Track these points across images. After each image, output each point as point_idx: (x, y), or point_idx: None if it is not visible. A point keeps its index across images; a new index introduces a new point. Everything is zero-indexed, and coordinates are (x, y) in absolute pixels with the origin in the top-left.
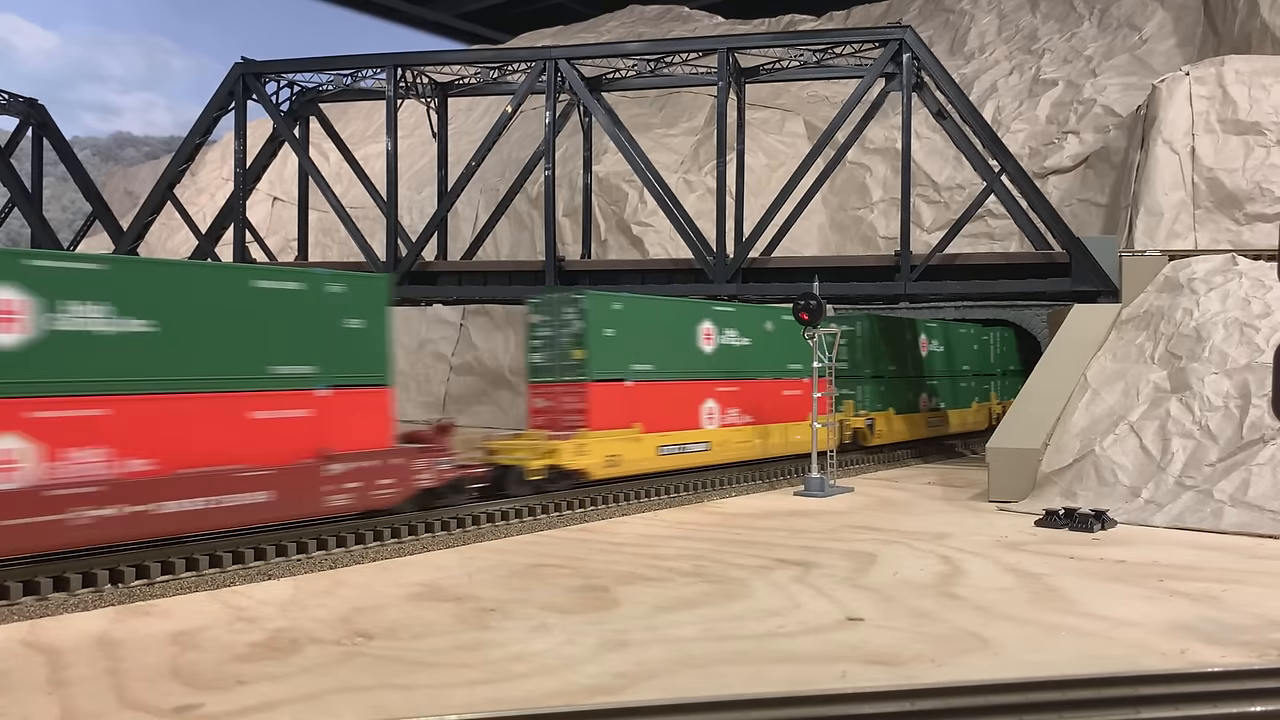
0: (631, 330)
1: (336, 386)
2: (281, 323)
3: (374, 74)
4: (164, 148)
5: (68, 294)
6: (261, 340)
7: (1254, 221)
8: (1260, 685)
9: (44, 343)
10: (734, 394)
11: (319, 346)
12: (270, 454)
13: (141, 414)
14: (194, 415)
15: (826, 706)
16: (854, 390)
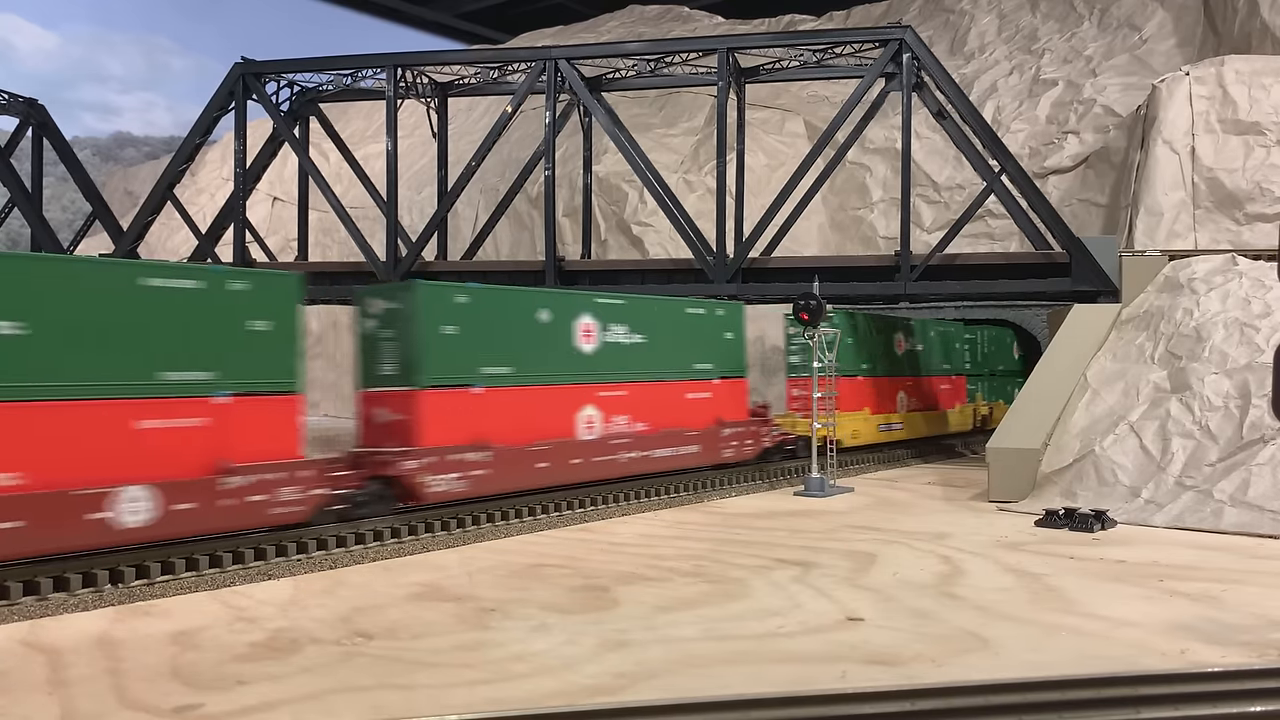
0: (860, 340)
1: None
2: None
3: (374, 74)
4: (164, 148)
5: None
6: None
7: (1254, 221)
8: (1260, 685)
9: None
10: (914, 387)
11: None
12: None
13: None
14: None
15: (826, 706)
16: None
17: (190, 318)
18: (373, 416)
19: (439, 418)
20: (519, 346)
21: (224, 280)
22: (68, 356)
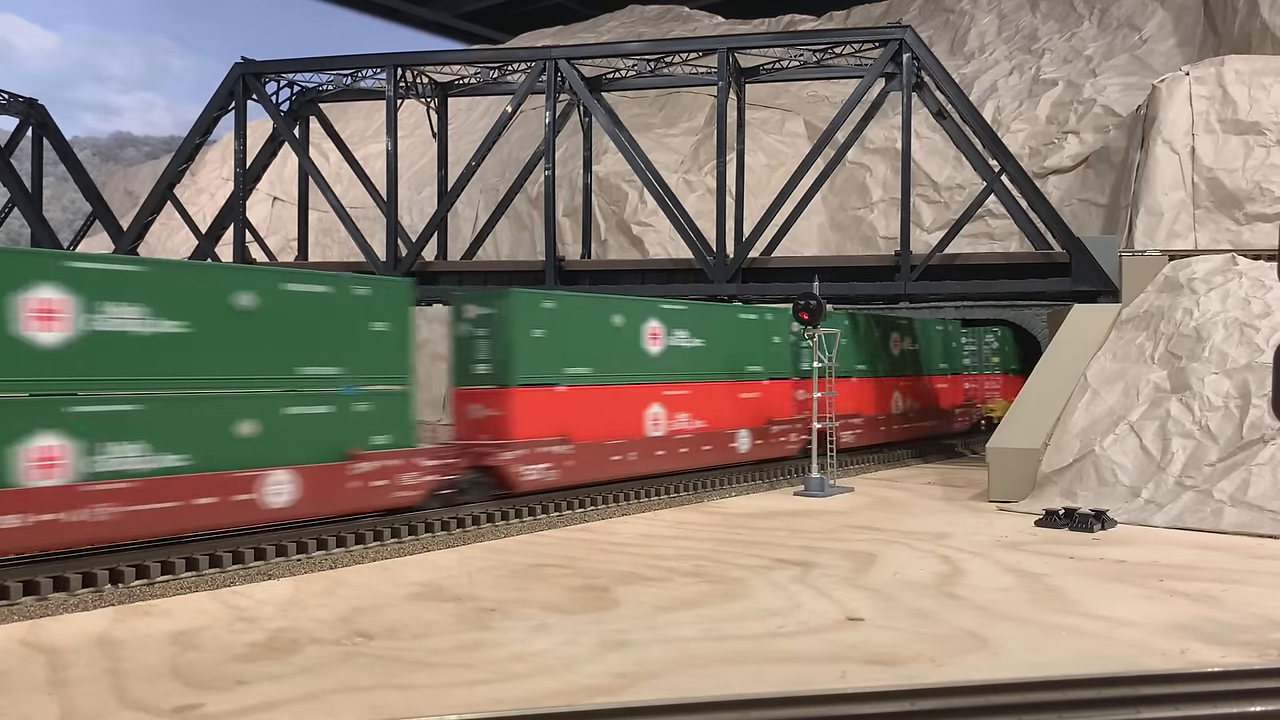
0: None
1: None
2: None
3: (374, 74)
4: (164, 148)
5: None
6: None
7: (1254, 221)
8: (1260, 685)
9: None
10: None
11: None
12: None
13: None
14: None
15: (826, 706)
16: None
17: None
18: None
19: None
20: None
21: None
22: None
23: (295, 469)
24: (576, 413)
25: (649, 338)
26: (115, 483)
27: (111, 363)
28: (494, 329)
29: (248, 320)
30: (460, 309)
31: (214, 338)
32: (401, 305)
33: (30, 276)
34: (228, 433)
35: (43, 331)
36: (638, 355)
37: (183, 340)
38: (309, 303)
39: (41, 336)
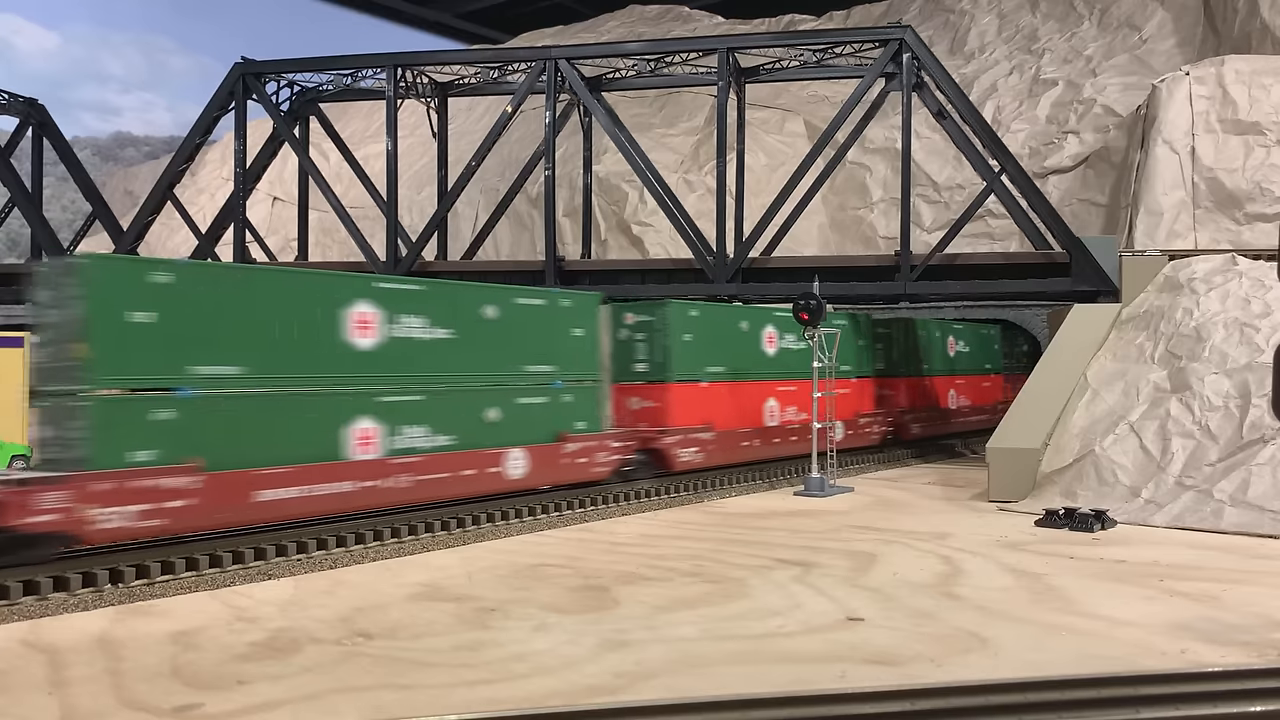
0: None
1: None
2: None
3: (374, 74)
4: (164, 148)
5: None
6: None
7: (1254, 221)
8: (1260, 685)
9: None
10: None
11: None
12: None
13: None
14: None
15: (826, 706)
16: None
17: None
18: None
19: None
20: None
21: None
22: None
23: (526, 447)
24: (715, 405)
25: (766, 341)
26: (409, 457)
27: (406, 362)
28: (651, 334)
29: (491, 328)
30: (619, 316)
31: (470, 342)
32: (593, 314)
33: (353, 295)
34: (480, 418)
35: (361, 338)
36: (759, 356)
37: (450, 345)
38: (531, 313)
39: (360, 342)
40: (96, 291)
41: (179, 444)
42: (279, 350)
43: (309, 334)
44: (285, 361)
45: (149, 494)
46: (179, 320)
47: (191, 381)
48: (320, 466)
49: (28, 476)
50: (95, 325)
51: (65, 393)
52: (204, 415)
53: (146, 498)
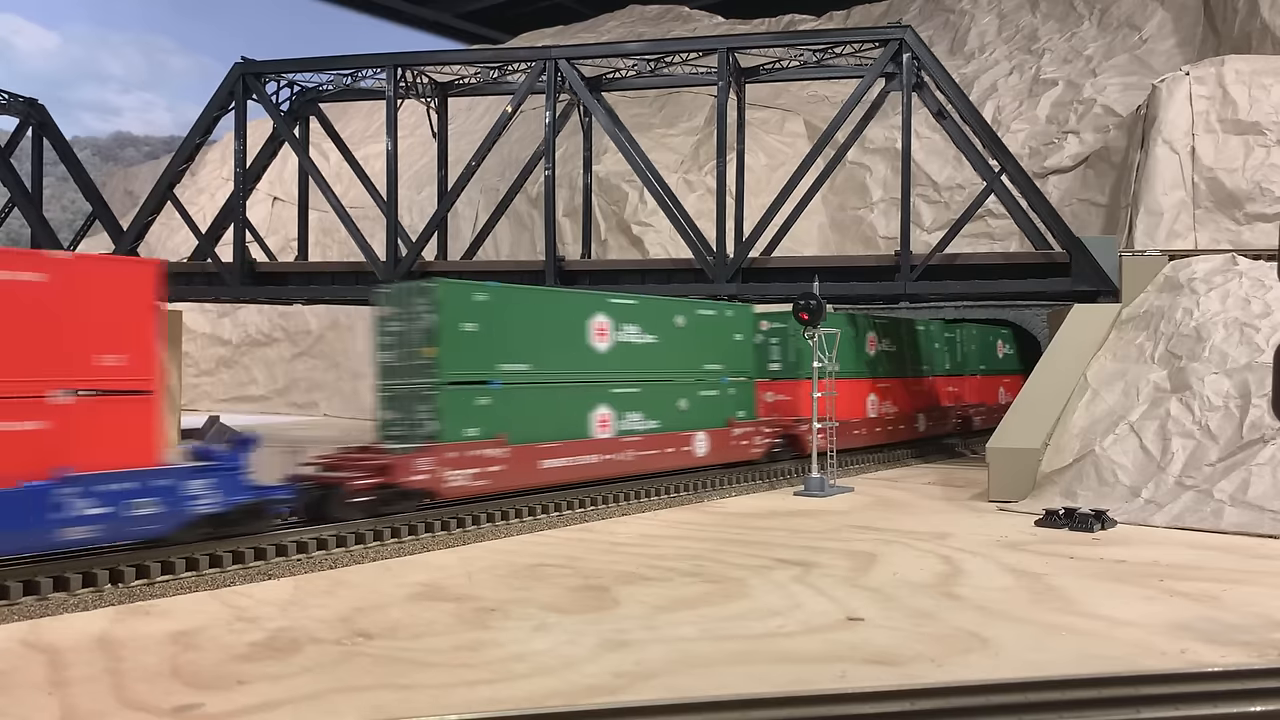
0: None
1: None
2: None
3: (374, 74)
4: (164, 148)
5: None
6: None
7: (1254, 221)
8: (1260, 685)
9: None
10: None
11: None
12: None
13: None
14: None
15: (826, 706)
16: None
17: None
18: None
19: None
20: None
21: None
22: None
23: (707, 431)
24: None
25: (869, 343)
26: (631, 437)
27: (628, 361)
28: (784, 338)
29: (681, 334)
30: (756, 322)
31: (668, 346)
32: (750, 322)
33: (595, 308)
34: (675, 407)
35: (599, 342)
36: (863, 356)
37: (656, 347)
38: (707, 321)
39: (599, 345)
40: (443, 308)
41: (493, 423)
42: (549, 352)
43: (567, 339)
44: (553, 360)
45: (478, 461)
46: (492, 329)
47: (500, 376)
48: (576, 442)
49: (389, 447)
50: (442, 333)
51: (415, 384)
52: (507, 401)
53: (477, 464)
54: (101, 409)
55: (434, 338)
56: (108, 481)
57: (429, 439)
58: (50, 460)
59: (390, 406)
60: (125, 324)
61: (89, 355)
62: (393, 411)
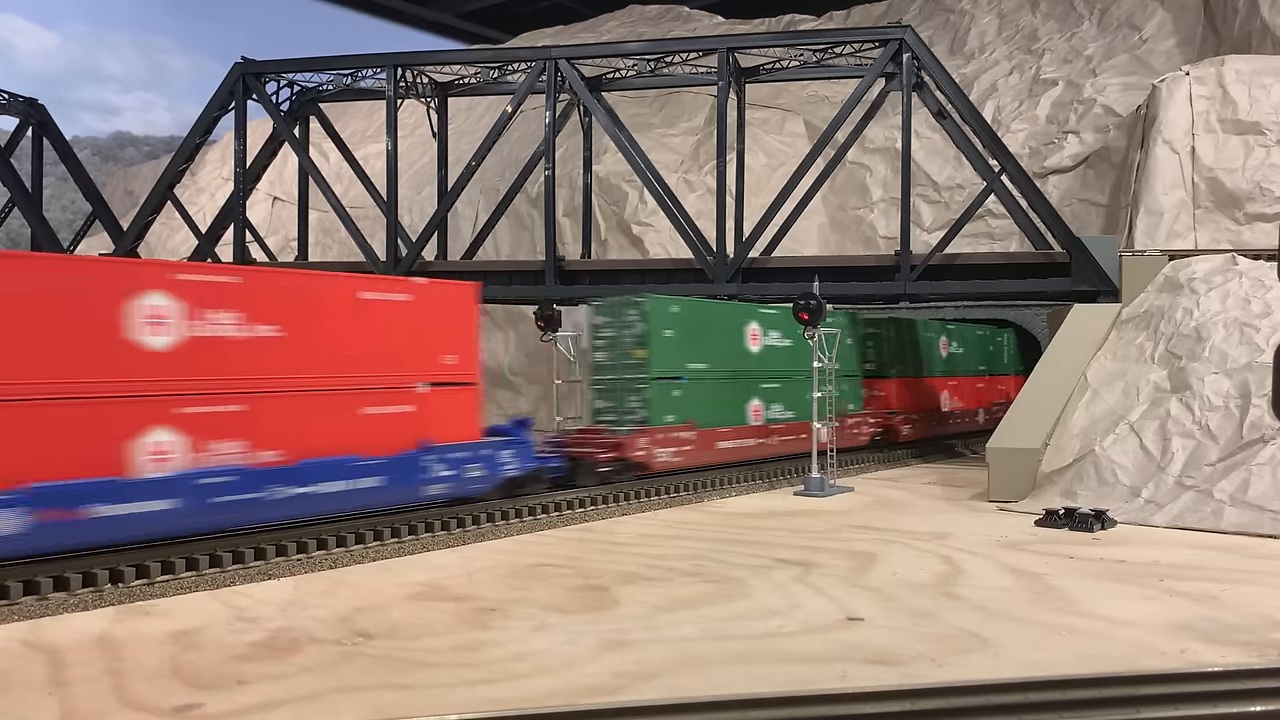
0: None
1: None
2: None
3: (374, 74)
4: (164, 148)
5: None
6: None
7: (1254, 221)
8: (1260, 685)
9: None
10: None
11: None
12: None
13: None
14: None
15: (826, 706)
16: None
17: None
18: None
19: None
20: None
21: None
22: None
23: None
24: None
25: (942, 346)
26: (776, 424)
27: (772, 362)
28: (877, 341)
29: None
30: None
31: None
32: (857, 326)
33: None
34: (805, 400)
35: (753, 345)
36: (937, 357)
37: (791, 350)
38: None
39: (752, 348)
40: (650, 318)
41: (684, 411)
42: (719, 353)
43: (731, 343)
44: (721, 359)
45: (676, 441)
46: (682, 335)
47: (687, 373)
48: (740, 428)
49: (616, 429)
50: (651, 338)
51: (627, 379)
52: (693, 393)
53: (675, 443)
54: (445, 396)
55: (644, 342)
56: (452, 451)
57: (640, 424)
58: (416, 435)
59: (603, 397)
60: (458, 331)
61: (437, 355)
62: (605, 401)
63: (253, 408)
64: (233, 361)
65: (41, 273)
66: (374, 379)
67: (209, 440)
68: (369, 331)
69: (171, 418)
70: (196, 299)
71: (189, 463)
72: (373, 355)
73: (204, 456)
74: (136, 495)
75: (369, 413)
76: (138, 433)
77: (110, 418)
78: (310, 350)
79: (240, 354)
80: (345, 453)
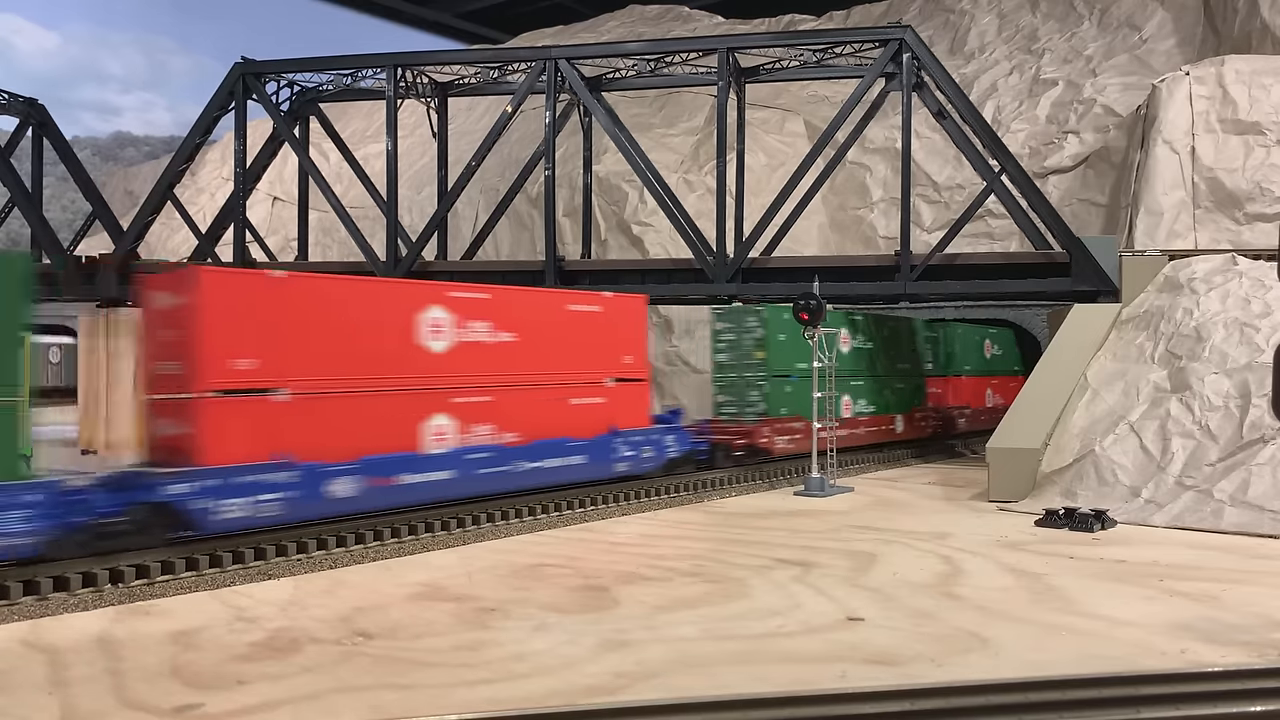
0: None
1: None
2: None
3: (374, 74)
4: (164, 148)
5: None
6: None
7: (1254, 221)
8: (1260, 685)
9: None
10: None
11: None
12: None
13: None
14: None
15: (826, 706)
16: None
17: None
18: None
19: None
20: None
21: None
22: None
23: (902, 414)
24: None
25: (985, 349)
26: (862, 418)
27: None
28: (935, 343)
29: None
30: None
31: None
32: (921, 330)
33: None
34: (883, 396)
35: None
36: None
37: (873, 351)
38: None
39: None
40: (768, 324)
41: (794, 405)
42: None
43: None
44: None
45: (790, 430)
46: (790, 339)
47: (795, 371)
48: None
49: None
50: (768, 342)
51: (748, 376)
52: (799, 390)
53: (790, 433)
54: (625, 390)
55: (762, 345)
56: (633, 435)
57: (760, 415)
58: (606, 422)
59: (724, 392)
60: (633, 336)
61: (620, 356)
62: (726, 395)
63: (498, 399)
64: (486, 361)
65: (365, 293)
66: (578, 375)
67: (471, 424)
68: (574, 337)
69: (448, 406)
70: (463, 311)
71: (459, 442)
72: (577, 356)
73: (468, 437)
74: (428, 467)
75: (575, 403)
76: (425, 418)
77: (408, 406)
78: (536, 352)
79: (490, 355)
80: (560, 435)
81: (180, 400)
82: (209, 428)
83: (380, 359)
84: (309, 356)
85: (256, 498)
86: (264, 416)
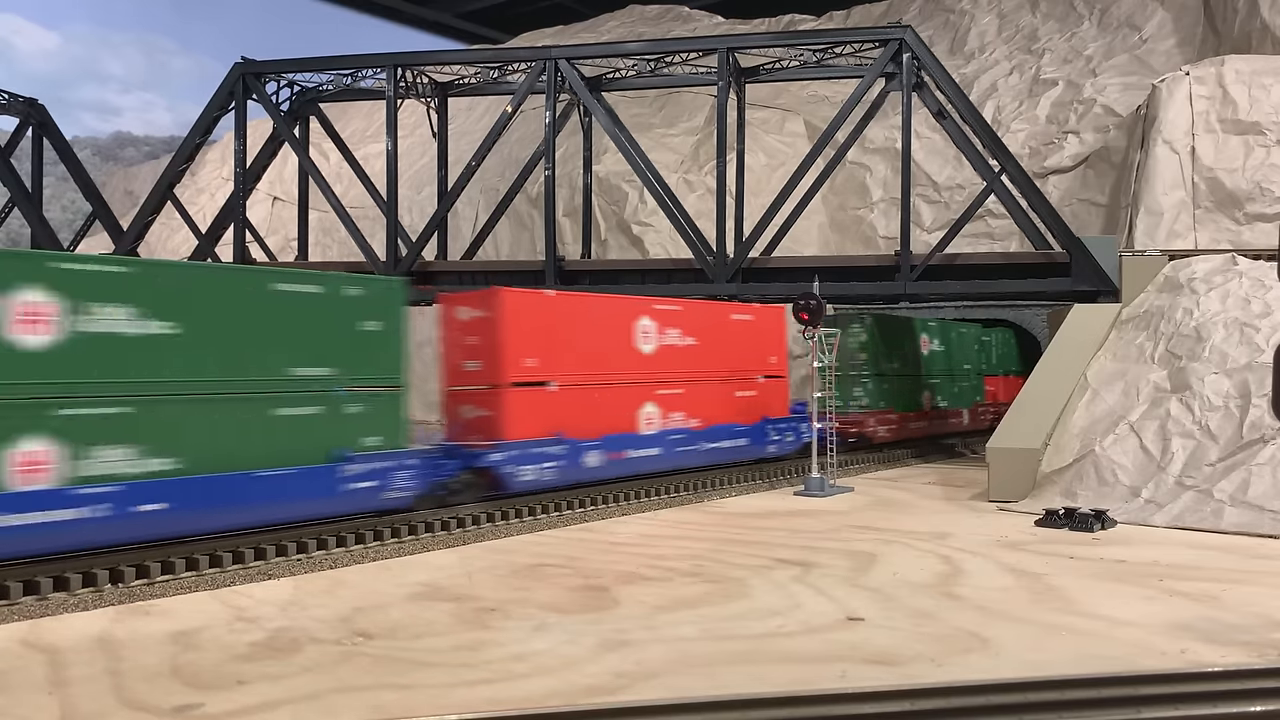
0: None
1: None
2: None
3: (374, 74)
4: (164, 148)
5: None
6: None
7: (1254, 221)
8: (1260, 685)
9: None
10: None
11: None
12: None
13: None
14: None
15: (826, 706)
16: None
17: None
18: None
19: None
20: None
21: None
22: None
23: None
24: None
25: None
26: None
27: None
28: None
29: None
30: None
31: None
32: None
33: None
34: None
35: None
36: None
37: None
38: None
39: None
40: (871, 332)
41: (888, 400)
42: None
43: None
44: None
45: (887, 421)
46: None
47: (888, 370)
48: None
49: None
50: (868, 348)
51: (853, 375)
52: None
53: (886, 423)
54: (771, 384)
55: (866, 347)
56: (780, 423)
57: (863, 408)
58: (760, 412)
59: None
60: (775, 340)
61: (766, 356)
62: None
63: (687, 391)
64: (679, 361)
65: (601, 306)
66: (739, 372)
67: (669, 411)
68: (736, 341)
69: (654, 396)
70: (662, 320)
71: (661, 425)
72: (738, 357)
73: (667, 421)
74: (643, 444)
75: (738, 395)
76: (640, 405)
77: (629, 396)
78: (712, 353)
79: (681, 356)
80: (729, 422)
81: (486, 390)
82: (510, 411)
83: (612, 358)
84: (569, 356)
85: (541, 465)
86: (542, 403)
